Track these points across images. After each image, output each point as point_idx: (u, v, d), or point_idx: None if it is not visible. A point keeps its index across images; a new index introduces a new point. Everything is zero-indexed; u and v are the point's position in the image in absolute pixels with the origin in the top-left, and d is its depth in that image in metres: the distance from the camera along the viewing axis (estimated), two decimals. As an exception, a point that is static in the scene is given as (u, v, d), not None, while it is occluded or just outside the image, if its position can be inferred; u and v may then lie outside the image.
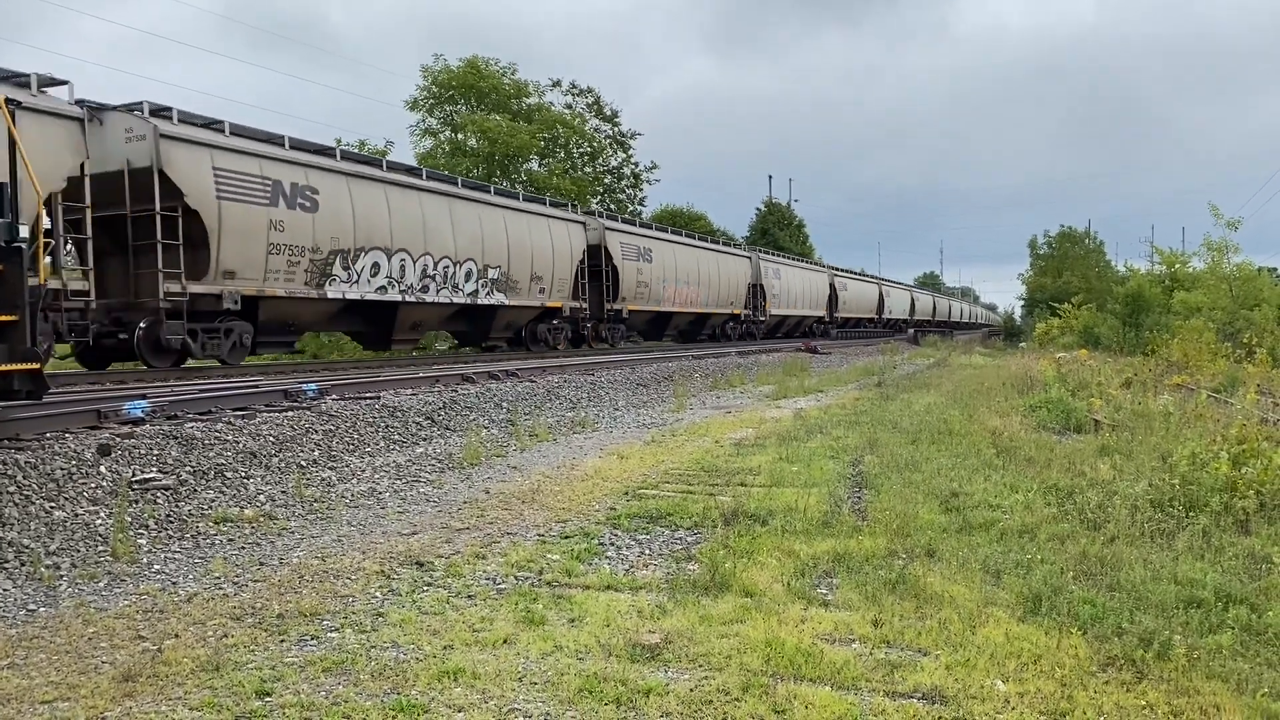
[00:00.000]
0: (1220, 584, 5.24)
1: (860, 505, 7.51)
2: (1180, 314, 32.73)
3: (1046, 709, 3.78)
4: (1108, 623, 4.65)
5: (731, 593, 5.25)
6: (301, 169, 16.78)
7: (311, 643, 4.59)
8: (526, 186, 39.97)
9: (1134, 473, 8.42)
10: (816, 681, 4.05)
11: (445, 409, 12.04)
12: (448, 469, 9.58)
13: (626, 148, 49.50)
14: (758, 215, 65.26)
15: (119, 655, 4.42)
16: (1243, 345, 23.99)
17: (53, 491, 6.76)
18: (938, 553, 6.03)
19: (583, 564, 5.95)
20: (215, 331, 15.52)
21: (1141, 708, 3.80)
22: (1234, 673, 4.13)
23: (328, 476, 8.73)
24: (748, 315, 37.69)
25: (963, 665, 4.20)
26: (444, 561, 6.01)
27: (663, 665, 4.26)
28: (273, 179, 16.04)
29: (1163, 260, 41.83)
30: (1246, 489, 7.10)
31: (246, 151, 15.79)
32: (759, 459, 9.71)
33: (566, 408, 14.32)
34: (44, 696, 3.95)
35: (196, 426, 8.74)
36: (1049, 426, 12.43)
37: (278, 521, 7.25)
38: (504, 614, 4.96)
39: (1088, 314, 40.49)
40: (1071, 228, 64.57)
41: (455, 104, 43.86)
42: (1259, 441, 8.17)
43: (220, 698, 3.90)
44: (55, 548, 6.09)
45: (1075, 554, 5.91)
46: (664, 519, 7.10)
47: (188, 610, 5.10)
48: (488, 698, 3.90)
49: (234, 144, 15.67)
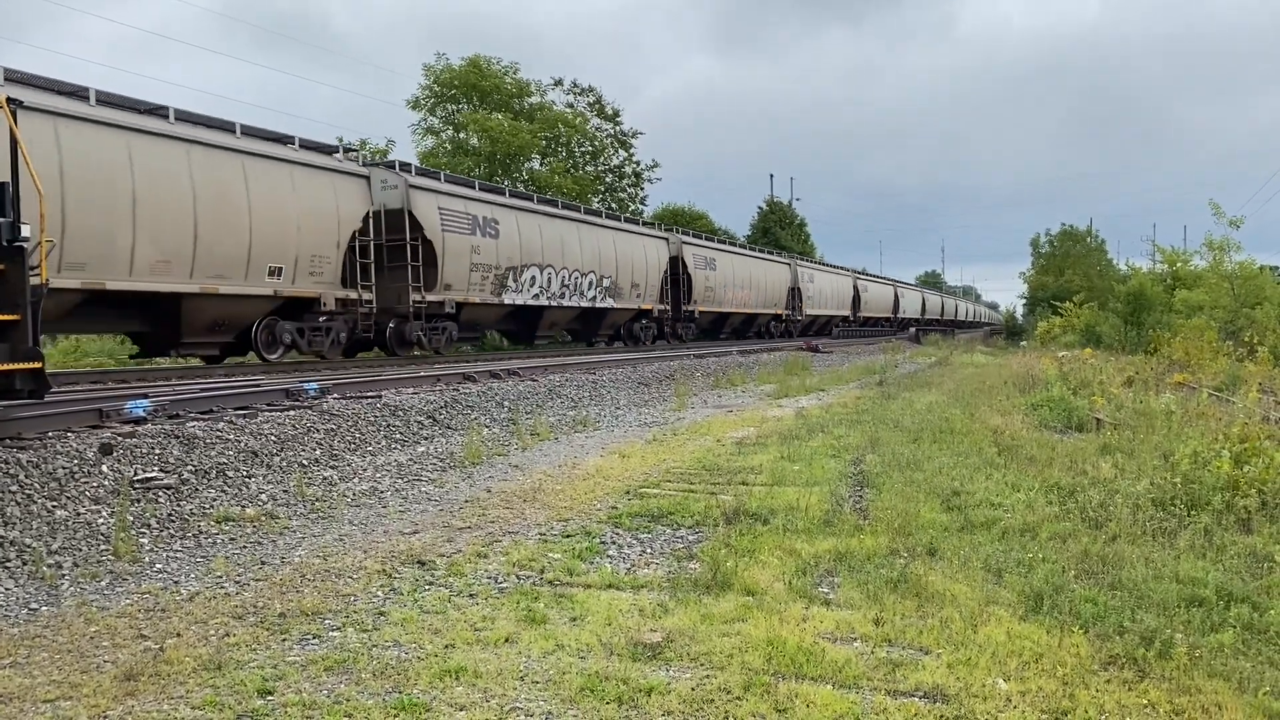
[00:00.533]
0: (1222, 583, 5.24)
1: (862, 504, 7.51)
2: (1182, 312, 32.73)
3: (1048, 707, 3.78)
4: (1109, 621, 4.64)
5: (733, 591, 5.25)
6: (488, 205, 21.93)
7: (313, 641, 4.60)
8: (528, 185, 40.01)
9: (1135, 471, 8.41)
10: (818, 680, 4.05)
11: (447, 408, 12.04)
12: (449, 468, 9.58)
13: (628, 146, 49.52)
14: (759, 214, 65.20)
15: (121, 654, 4.42)
16: (1244, 344, 23.98)
17: (55, 490, 6.77)
18: (939, 551, 6.02)
19: (584, 563, 5.96)
20: (436, 330, 20.48)
21: (1143, 706, 3.80)
22: (1235, 671, 4.13)
23: (329, 475, 8.74)
24: (788, 315, 42.73)
25: (964, 664, 4.20)
26: (446, 560, 6.02)
27: (664, 664, 4.26)
28: (472, 214, 21.20)
29: (1164, 259, 41.83)
30: (1248, 488, 7.10)
31: (456, 194, 21.06)
32: (760, 458, 9.71)
33: (568, 406, 14.32)
34: (46, 695, 3.95)
35: (198, 426, 8.75)
36: (1050, 425, 12.42)
37: (279, 520, 7.26)
38: (505, 613, 4.96)
39: (1089, 313, 40.47)
40: (1073, 226, 64.56)
41: (457, 103, 43.88)
42: (1261, 440, 8.16)
43: (222, 696, 3.90)
44: (57, 547, 6.10)
45: (1077, 553, 5.91)
46: (665, 518, 7.10)
47: (190, 609, 5.10)
48: (489, 696, 3.91)
49: (449, 189, 21.03)
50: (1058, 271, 59.67)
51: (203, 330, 15.73)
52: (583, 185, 44.83)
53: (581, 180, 45.42)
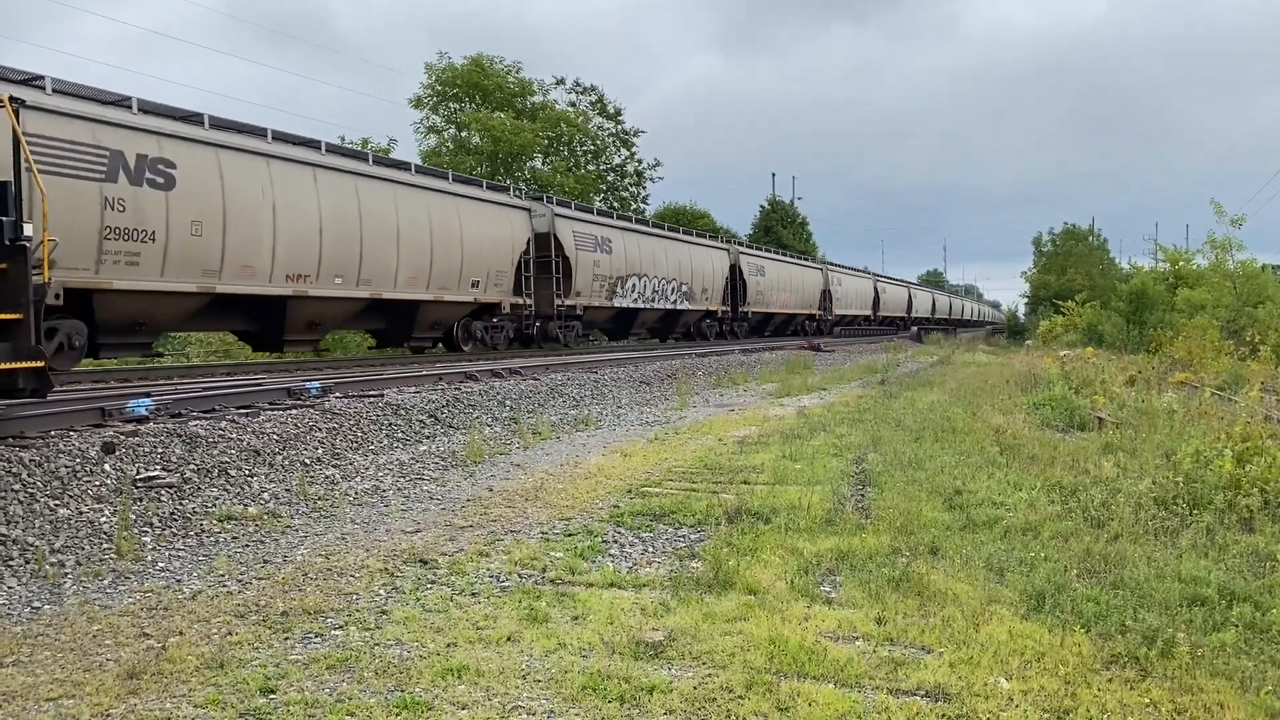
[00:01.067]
0: (1224, 582, 5.23)
1: (863, 503, 7.51)
2: (1184, 311, 32.67)
3: (1050, 707, 3.78)
4: (1111, 620, 4.64)
5: (735, 590, 5.26)
6: (603, 227, 26.88)
7: (315, 640, 4.60)
8: (530, 185, 40.01)
9: (1138, 470, 8.41)
10: (820, 679, 4.05)
11: (448, 407, 12.05)
12: (451, 466, 9.59)
13: (630, 145, 49.52)
14: (761, 213, 65.14)
15: (123, 652, 4.43)
16: (1246, 343, 23.95)
17: (57, 489, 6.78)
18: (941, 550, 6.02)
19: (586, 561, 5.96)
20: (569, 328, 25.00)
21: (1145, 705, 3.80)
22: (1237, 670, 4.12)
23: (331, 474, 8.75)
24: (820, 315, 47.65)
25: (966, 663, 4.20)
26: (447, 559, 6.02)
27: (666, 663, 4.26)
28: (593, 235, 26.01)
29: (1166, 257, 41.76)
30: (1250, 487, 7.09)
31: (583, 219, 25.81)
32: (762, 457, 9.71)
33: (569, 405, 14.33)
34: (49, 694, 3.96)
35: (200, 425, 8.76)
36: (1052, 424, 12.42)
37: (281, 519, 7.27)
38: (507, 612, 4.97)
39: (1091, 311, 40.43)
40: (1075, 225, 64.50)
41: (460, 102, 43.86)
42: (1263, 439, 8.15)
43: (225, 695, 3.91)
44: (60, 545, 6.11)
45: (1079, 552, 5.90)
46: (667, 517, 7.11)
47: (192, 608, 5.11)
48: (491, 695, 3.91)
49: (578, 215, 25.81)
50: (1060, 270, 59.61)
51: (426, 328, 20.40)
52: (584, 184, 44.82)
53: (584, 179, 45.41)
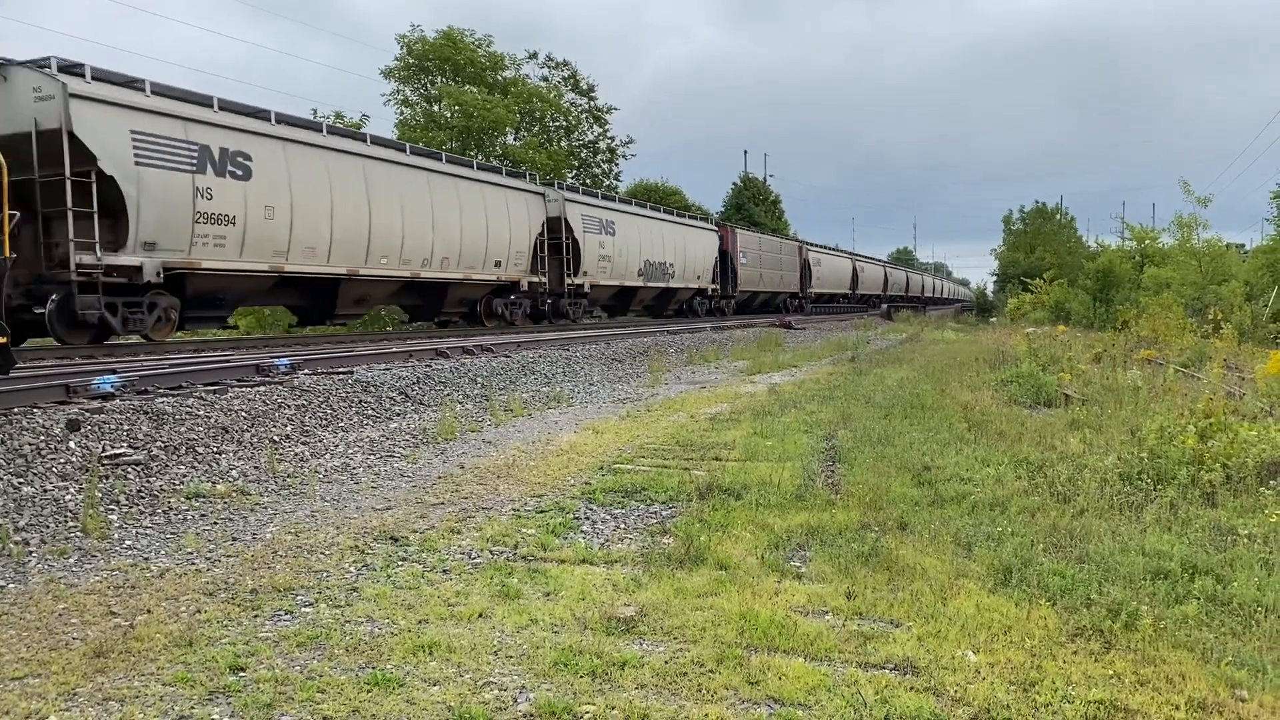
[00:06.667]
0: (1186, 555, 5.32)
1: (834, 479, 7.56)
2: (1150, 289, 33.07)
3: (1016, 679, 3.83)
4: (1077, 594, 4.71)
5: (706, 566, 5.28)
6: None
7: (285, 617, 4.58)
8: (501, 160, 39.69)
9: (1103, 446, 8.53)
10: (790, 653, 4.08)
11: (419, 384, 11.98)
12: (422, 444, 9.55)
13: (603, 122, 49.24)
14: (733, 190, 65.13)
15: (90, 631, 4.38)
16: (1210, 320, 24.28)
17: (21, 467, 6.68)
18: (910, 525, 6.09)
19: (558, 538, 5.96)
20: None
21: (1109, 677, 3.86)
22: (1199, 642, 4.20)
23: (301, 451, 8.68)
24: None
25: (934, 636, 4.25)
26: (418, 536, 6.00)
27: (638, 638, 4.28)
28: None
29: (1134, 236, 42.20)
30: (1213, 462, 7.20)
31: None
32: (733, 434, 9.74)
33: (541, 383, 14.29)
34: (14, 673, 3.91)
35: (167, 401, 8.64)
36: (1020, 401, 12.55)
37: (250, 497, 7.21)
38: (479, 588, 4.97)
39: (1059, 289, 40.82)
40: (1044, 204, 64.95)
41: (432, 75, 43.36)
42: (1224, 415, 8.28)
43: (194, 673, 3.88)
44: (24, 524, 6.03)
45: (1045, 526, 5.99)
46: (639, 493, 7.12)
47: (160, 585, 5.06)
48: (463, 671, 3.91)
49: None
50: (1029, 248, 60.00)
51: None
52: (557, 160, 44.53)
53: (555, 155, 45.11)
